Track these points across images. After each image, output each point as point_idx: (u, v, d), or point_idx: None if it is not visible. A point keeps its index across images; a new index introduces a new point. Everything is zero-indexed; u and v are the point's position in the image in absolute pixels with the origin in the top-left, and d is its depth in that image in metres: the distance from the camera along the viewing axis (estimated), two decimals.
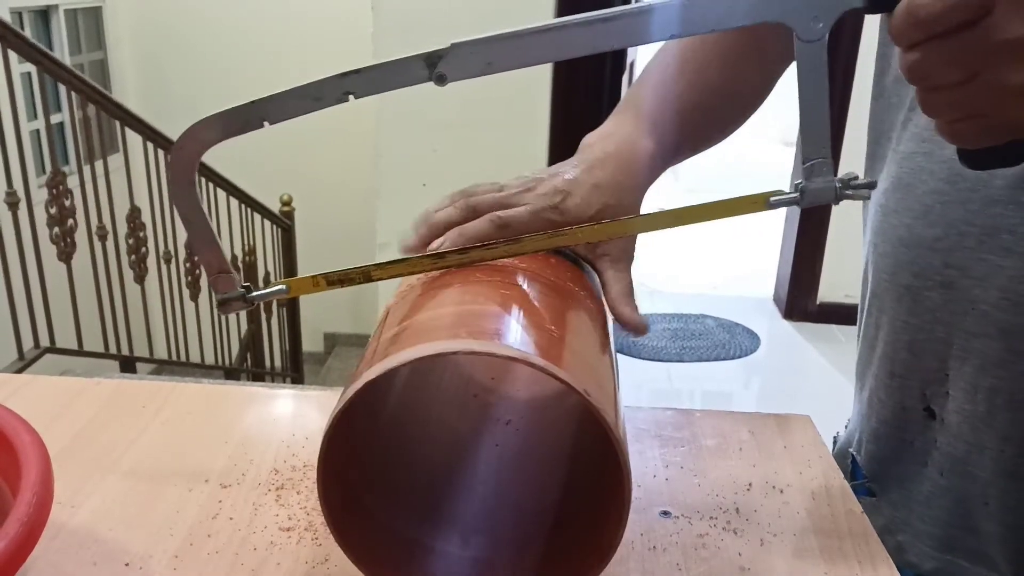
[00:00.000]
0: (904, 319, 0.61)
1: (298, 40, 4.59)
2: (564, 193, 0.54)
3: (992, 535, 0.59)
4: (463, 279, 0.48)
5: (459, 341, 0.40)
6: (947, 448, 0.60)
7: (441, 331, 0.41)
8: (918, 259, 0.59)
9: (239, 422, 0.65)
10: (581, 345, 0.44)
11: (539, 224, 0.53)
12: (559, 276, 0.51)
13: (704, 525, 0.54)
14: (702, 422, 0.66)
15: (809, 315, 3.56)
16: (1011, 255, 0.54)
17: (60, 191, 2.50)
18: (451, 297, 0.46)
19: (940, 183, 0.57)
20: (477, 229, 0.53)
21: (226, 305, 0.51)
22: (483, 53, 0.43)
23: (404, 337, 0.42)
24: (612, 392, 0.44)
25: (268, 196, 3.71)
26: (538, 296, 0.47)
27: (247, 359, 3.82)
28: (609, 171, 0.56)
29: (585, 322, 0.48)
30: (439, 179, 2.40)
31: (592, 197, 0.54)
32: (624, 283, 0.53)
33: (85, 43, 4.65)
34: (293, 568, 0.49)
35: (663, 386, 3.15)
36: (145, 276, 3.00)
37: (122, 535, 0.51)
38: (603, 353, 0.47)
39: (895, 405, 0.63)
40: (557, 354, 0.41)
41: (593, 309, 0.50)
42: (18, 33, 2.33)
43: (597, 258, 0.55)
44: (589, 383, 0.40)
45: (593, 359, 0.44)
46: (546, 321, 0.45)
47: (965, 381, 0.58)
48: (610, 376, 0.45)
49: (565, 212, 0.53)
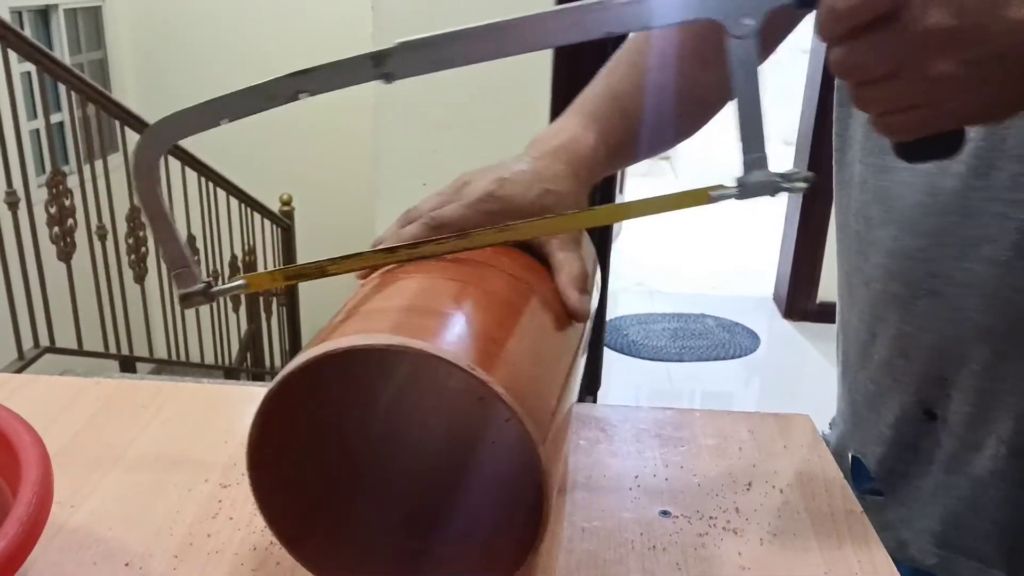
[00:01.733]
0: (899, 326, 0.62)
1: (298, 40, 4.58)
2: (500, 180, 0.53)
3: (986, 532, 0.60)
4: (424, 272, 0.48)
5: (386, 336, 0.40)
6: (949, 447, 0.61)
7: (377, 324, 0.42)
8: (905, 269, 0.60)
9: (239, 422, 0.64)
10: (525, 349, 0.44)
11: (477, 216, 0.52)
12: (517, 270, 0.50)
13: (704, 525, 0.54)
14: (702, 422, 0.66)
15: (809, 314, 3.56)
16: (992, 264, 0.55)
17: (60, 191, 2.50)
18: (404, 291, 0.46)
19: (921, 195, 0.58)
20: (411, 232, 0.53)
21: (188, 300, 0.51)
22: (428, 51, 0.43)
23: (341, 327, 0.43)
24: (549, 398, 0.43)
25: (268, 196, 3.71)
26: (494, 296, 0.47)
27: (247, 359, 3.81)
28: (549, 160, 0.56)
29: (538, 326, 0.47)
30: (439, 179, 2.38)
31: (532, 182, 0.53)
32: (573, 266, 0.52)
33: (85, 43, 4.65)
34: (293, 568, 0.49)
35: (663, 386, 3.15)
36: (145, 276, 3.00)
37: (122, 535, 0.51)
38: (552, 359, 0.46)
39: (899, 409, 0.64)
40: (492, 356, 0.40)
41: (556, 311, 0.50)
42: (18, 33, 2.33)
43: (545, 241, 0.53)
44: (516, 387, 0.39)
45: (534, 366, 0.44)
46: (490, 323, 0.44)
47: (962, 384, 0.59)
48: (554, 383, 0.45)
49: (502, 199, 0.52)
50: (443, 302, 0.45)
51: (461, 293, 0.46)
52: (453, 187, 0.55)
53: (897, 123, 0.41)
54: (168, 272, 0.51)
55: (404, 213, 0.56)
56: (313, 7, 4.68)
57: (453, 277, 0.48)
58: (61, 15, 4.38)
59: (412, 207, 0.57)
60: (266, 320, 3.86)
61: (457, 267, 0.49)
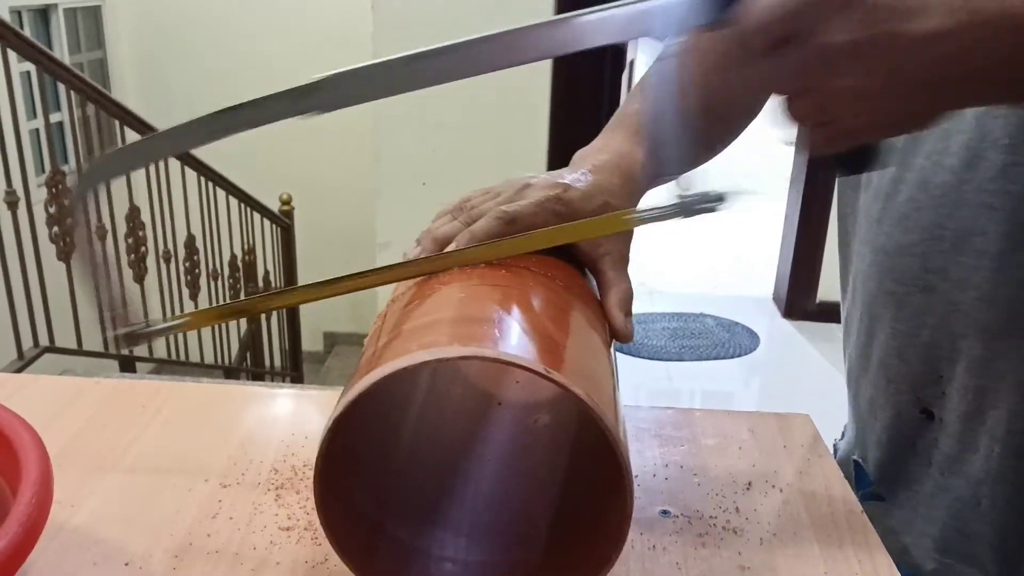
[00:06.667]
0: (892, 325, 0.62)
1: (297, 40, 4.59)
2: (565, 186, 0.53)
3: (982, 536, 0.60)
4: (463, 280, 0.48)
5: (454, 347, 0.39)
6: (946, 448, 0.61)
7: (437, 336, 0.41)
8: (899, 265, 0.60)
9: (239, 422, 0.65)
10: (581, 347, 0.44)
11: (545, 216, 0.52)
12: (560, 276, 0.50)
13: (704, 524, 0.54)
14: (702, 421, 0.66)
15: (809, 314, 3.56)
16: (984, 257, 0.55)
17: (59, 190, 2.50)
18: (448, 301, 0.46)
19: (914, 190, 0.58)
20: (485, 227, 0.51)
21: (132, 339, 0.51)
22: (351, 85, 0.44)
23: (395, 344, 0.42)
24: (611, 394, 0.43)
25: (268, 195, 3.71)
26: (539, 297, 0.47)
27: (247, 358, 3.81)
28: (606, 175, 0.56)
29: (585, 324, 0.47)
30: (439, 179, 2.40)
31: (594, 192, 0.54)
32: (623, 287, 0.52)
33: (84, 42, 4.65)
34: (293, 568, 0.49)
35: (663, 385, 3.15)
36: (145, 275, 3.00)
37: (122, 535, 0.51)
38: (603, 355, 0.46)
39: (894, 410, 0.64)
40: (557, 357, 0.40)
41: (593, 310, 0.50)
42: (17, 32, 2.33)
43: (599, 257, 0.54)
44: (588, 386, 0.39)
45: (593, 362, 0.44)
46: (547, 324, 0.44)
47: (957, 382, 0.59)
48: (609, 378, 0.45)
49: (569, 203, 0.53)
50: (490, 307, 0.45)
51: (506, 297, 0.46)
52: (512, 187, 0.55)
53: (815, 138, 0.42)
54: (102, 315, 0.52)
55: (456, 208, 0.55)
56: (313, 7, 4.68)
57: (496, 283, 0.48)
58: (61, 15, 4.38)
59: (464, 202, 0.56)
60: (266, 320, 3.86)
61: (493, 274, 0.49)
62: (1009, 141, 0.52)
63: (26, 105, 3.34)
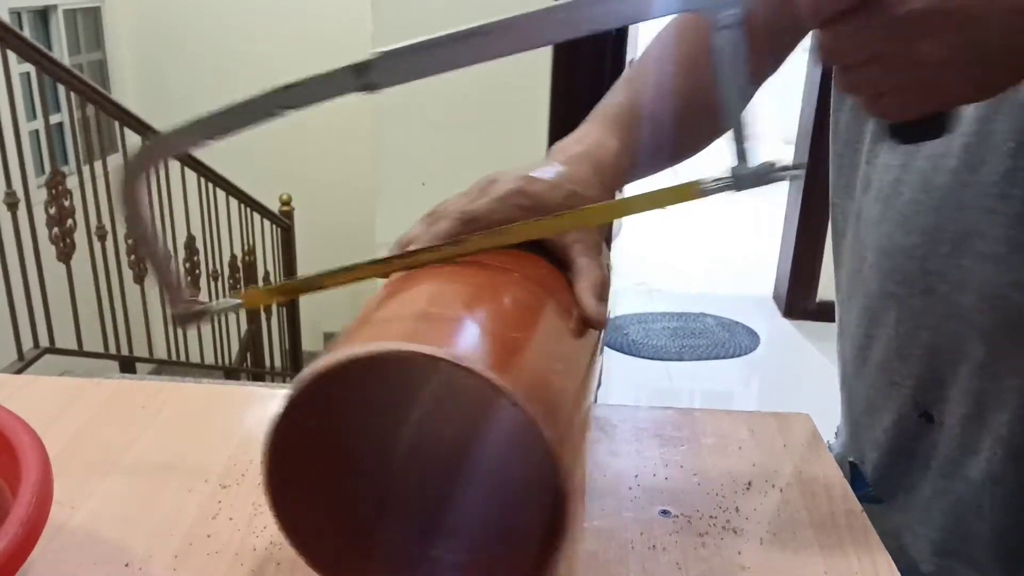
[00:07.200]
0: (894, 327, 0.62)
1: (297, 40, 4.58)
2: (529, 179, 0.53)
3: (982, 538, 0.59)
4: (432, 279, 0.48)
5: (393, 343, 0.39)
6: (946, 450, 0.61)
7: (391, 332, 0.41)
8: (899, 267, 0.60)
9: (239, 422, 0.65)
10: (541, 345, 0.43)
11: (507, 211, 0.52)
12: (531, 272, 0.50)
13: (704, 524, 0.54)
14: (702, 421, 0.66)
15: (808, 313, 3.56)
16: (985, 260, 0.55)
17: (59, 191, 2.50)
18: (416, 298, 0.46)
19: (915, 192, 0.58)
20: (445, 228, 0.52)
21: (190, 318, 0.52)
22: (411, 60, 0.43)
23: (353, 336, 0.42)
24: (570, 391, 0.43)
25: (267, 196, 3.71)
26: (507, 297, 0.47)
27: (247, 359, 3.81)
28: (575, 165, 0.55)
29: (554, 318, 0.47)
30: (439, 179, 2.40)
31: (560, 183, 0.53)
32: (596, 273, 0.51)
33: (84, 43, 4.65)
34: (293, 568, 0.49)
35: (663, 385, 3.15)
36: (145, 276, 2.99)
37: (122, 535, 0.51)
38: (571, 350, 0.46)
39: (893, 413, 0.64)
40: (505, 358, 0.40)
41: (566, 302, 0.50)
42: (17, 33, 2.33)
43: (568, 246, 0.53)
44: (533, 391, 0.38)
45: (551, 361, 0.43)
46: (509, 325, 0.44)
47: (958, 384, 0.59)
48: (572, 375, 0.44)
49: (533, 196, 0.52)
50: (457, 307, 0.45)
51: (475, 298, 0.46)
52: (479, 186, 0.54)
53: (885, 105, 0.41)
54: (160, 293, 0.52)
55: (428, 213, 0.55)
56: (313, 7, 4.68)
57: (468, 282, 0.47)
58: (60, 16, 4.38)
59: (437, 205, 0.56)
60: (266, 320, 3.86)
61: (472, 272, 0.49)
62: (1008, 146, 0.52)
63: (26, 106, 3.34)
